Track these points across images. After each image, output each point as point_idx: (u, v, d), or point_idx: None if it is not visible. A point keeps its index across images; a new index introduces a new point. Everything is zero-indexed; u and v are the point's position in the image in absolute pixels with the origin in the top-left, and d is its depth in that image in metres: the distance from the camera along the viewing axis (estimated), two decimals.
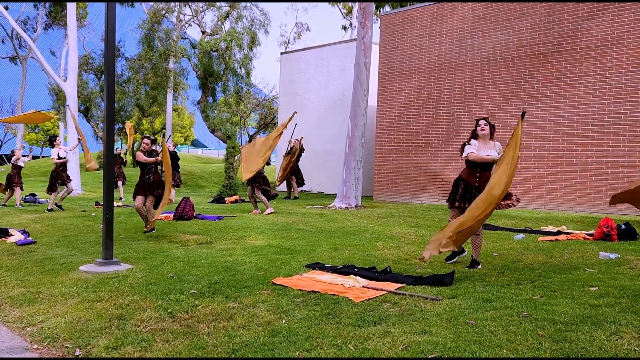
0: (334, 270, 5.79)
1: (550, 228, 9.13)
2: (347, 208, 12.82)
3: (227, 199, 15.35)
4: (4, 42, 38.24)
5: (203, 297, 4.80)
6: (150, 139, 9.06)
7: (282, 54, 21.71)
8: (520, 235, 8.19)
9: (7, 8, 22.57)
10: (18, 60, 38.47)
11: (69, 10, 19.85)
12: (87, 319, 4.31)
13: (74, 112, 19.50)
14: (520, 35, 12.82)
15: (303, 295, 4.79)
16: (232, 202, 15.01)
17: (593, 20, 11.83)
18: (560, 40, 12.26)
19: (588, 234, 8.13)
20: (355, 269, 5.80)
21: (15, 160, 13.93)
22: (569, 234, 8.27)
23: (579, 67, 11.96)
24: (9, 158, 15.20)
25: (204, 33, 28.56)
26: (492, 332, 3.71)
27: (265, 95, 35.40)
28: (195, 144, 63.16)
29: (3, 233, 8.50)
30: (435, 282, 5.13)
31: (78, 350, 3.75)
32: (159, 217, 10.78)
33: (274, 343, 3.66)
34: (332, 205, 13.14)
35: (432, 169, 14.43)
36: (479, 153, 5.98)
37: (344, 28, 37.06)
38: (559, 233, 8.49)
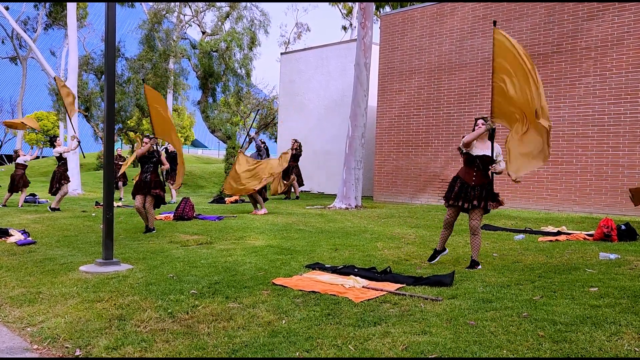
0: (334, 271, 5.79)
1: (550, 228, 9.13)
2: (347, 208, 12.82)
3: (227, 199, 15.35)
4: (4, 42, 38.26)
5: (203, 297, 4.80)
6: (150, 138, 9.08)
7: (282, 54, 21.71)
8: (520, 236, 8.19)
9: (7, 8, 22.60)
10: (18, 61, 38.48)
11: (69, 11, 19.86)
12: (87, 319, 4.31)
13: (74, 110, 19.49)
14: (520, 36, 12.82)
15: (303, 296, 4.79)
16: (232, 202, 15.02)
17: (593, 21, 11.83)
18: (560, 41, 12.26)
19: (588, 235, 8.13)
20: (355, 270, 5.80)
21: (24, 161, 14.04)
22: (569, 235, 8.27)
23: (579, 67, 11.97)
24: (9, 158, 15.25)
25: (204, 33, 28.58)
26: (492, 332, 3.71)
27: (266, 96, 35.41)
28: (195, 144, 63.14)
29: (3, 233, 8.50)
30: (435, 282, 5.13)
31: (78, 351, 3.75)
32: (160, 217, 10.82)
33: (274, 343, 3.66)
34: (332, 206, 13.14)
35: (432, 169, 14.43)
36: (474, 150, 6.00)
37: (344, 28, 37.08)
38: (559, 233, 8.49)
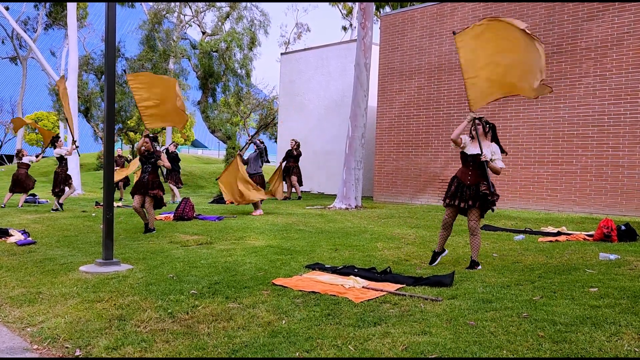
0: (334, 271, 5.79)
1: (550, 229, 9.13)
2: (347, 209, 12.82)
3: (227, 200, 15.32)
4: (4, 42, 38.26)
5: (203, 297, 4.81)
6: (150, 137, 9.14)
7: (282, 55, 21.71)
8: (520, 236, 8.19)
9: (7, 8, 22.61)
10: (18, 61, 38.49)
11: (69, 11, 19.87)
12: (87, 320, 4.31)
13: (75, 111, 19.51)
14: None
15: (303, 296, 4.79)
16: (232, 202, 14.99)
17: (593, 21, 11.83)
18: (560, 41, 12.26)
19: (588, 235, 8.13)
20: (355, 270, 5.80)
21: (29, 161, 14.09)
22: (569, 235, 8.27)
23: (579, 68, 11.97)
24: (10, 158, 15.30)
25: (204, 33, 28.59)
26: (492, 332, 3.72)
27: (266, 96, 35.41)
28: (195, 145, 63.15)
29: (3, 233, 8.50)
30: (435, 282, 5.13)
31: (78, 351, 3.75)
32: (160, 217, 10.83)
33: (274, 344, 3.66)
34: (332, 206, 13.15)
35: (432, 170, 14.43)
36: (468, 149, 6.02)
37: (344, 29, 37.09)
38: (559, 234, 8.49)
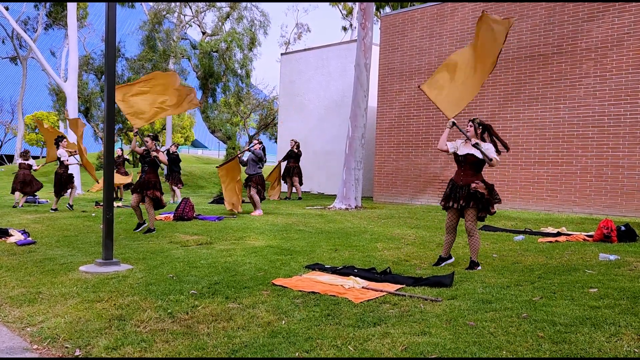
0: (334, 271, 5.80)
1: (550, 229, 9.13)
2: (347, 209, 12.82)
3: (226, 204, 15.31)
4: (5, 42, 38.26)
5: (203, 297, 4.81)
6: (150, 136, 9.26)
7: (282, 55, 21.71)
8: (520, 237, 8.19)
9: (7, 8, 22.59)
10: (18, 61, 38.48)
11: (70, 11, 19.86)
12: (87, 319, 4.31)
13: (74, 112, 19.50)
14: (520, 37, 12.83)
15: (303, 296, 4.79)
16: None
17: (593, 22, 11.84)
18: (561, 42, 12.26)
19: (588, 236, 8.13)
20: (355, 270, 5.80)
21: (32, 168, 14.16)
22: (569, 235, 8.27)
23: (579, 68, 11.97)
24: (10, 158, 15.32)
25: (205, 34, 28.60)
26: (491, 333, 3.72)
27: (266, 96, 35.42)
28: (195, 145, 63.15)
29: (3, 233, 8.50)
30: (435, 283, 5.13)
31: (78, 351, 3.75)
32: (160, 217, 10.83)
33: (274, 344, 3.67)
34: (332, 206, 13.15)
35: (432, 170, 14.43)
36: (459, 150, 6.09)
37: (344, 29, 37.08)
38: (559, 234, 8.49)
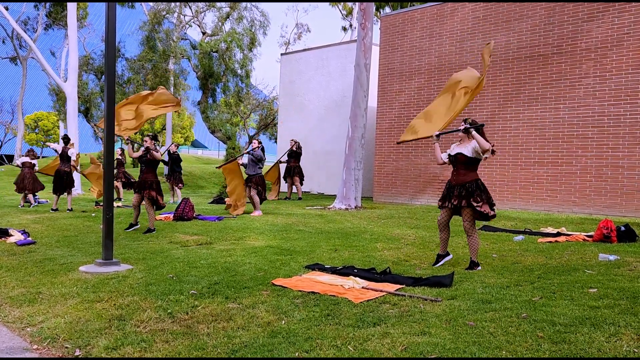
0: (334, 271, 5.80)
1: (550, 229, 9.13)
2: (346, 209, 12.83)
3: (227, 200, 15.33)
4: (4, 42, 38.25)
5: (203, 297, 4.81)
6: (149, 136, 9.33)
7: (282, 55, 21.71)
8: (520, 237, 8.20)
9: (7, 8, 22.58)
10: (18, 61, 38.47)
11: (69, 11, 19.86)
12: (86, 320, 4.32)
13: (74, 112, 19.51)
14: (520, 37, 12.83)
15: (302, 296, 4.79)
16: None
17: (593, 22, 11.84)
18: (560, 42, 12.27)
19: (587, 236, 8.13)
20: (355, 270, 5.80)
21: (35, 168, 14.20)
22: (569, 236, 8.28)
23: (579, 68, 11.97)
24: (10, 158, 15.33)
25: (205, 34, 28.59)
26: (491, 333, 3.72)
27: (266, 96, 35.41)
28: (195, 145, 63.17)
29: (3, 233, 8.51)
30: (435, 283, 5.13)
31: (78, 351, 3.75)
32: (160, 217, 10.84)
33: (274, 344, 3.67)
34: (331, 206, 13.15)
35: (431, 170, 14.43)
36: (452, 151, 6.18)
37: (344, 29, 37.08)
38: (559, 234, 8.49)
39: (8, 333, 4.18)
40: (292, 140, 16.19)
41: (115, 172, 15.93)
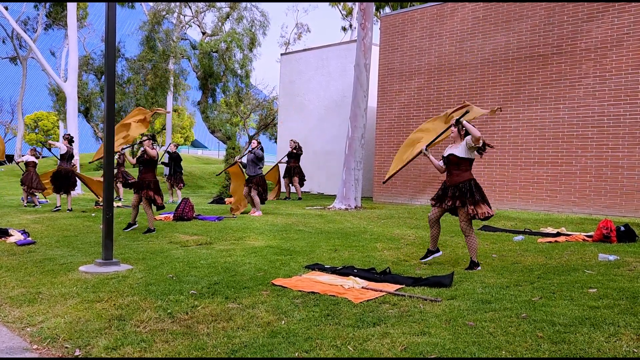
0: (334, 271, 5.80)
1: (550, 229, 9.14)
2: (346, 209, 12.83)
3: (226, 200, 15.34)
4: (4, 42, 38.27)
5: (202, 297, 4.81)
6: (147, 137, 9.38)
7: (282, 55, 21.71)
8: (520, 237, 8.20)
9: (7, 8, 22.57)
10: (18, 61, 38.49)
11: (69, 11, 19.86)
12: (86, 320, 4.32)
13: (74, 112, 19.51)
14: (520, 37, 12.84)
15: (302, 296, 4.80)
16: (231, 202, 15.00)
17: (593, 22, 11.85)
18: (560, 42, 12.27)
19: (587, 236, 8.13)
20: (355, 270, 5.81)
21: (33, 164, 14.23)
22: (569, 236, 8.28)
23: (579, 68, 11.98)
24: (10, 158, 15.34)
25: (204, 34, 28.58)
26: (491, 333, 3.72)
27: (265, 96, 35.42)
28: (195, 145, 63.15)
29: (3, 233, 8.51)
30: (435, 283, 5.13)
31: (78, 351, 3.76)
32: (160, 217, 10.84)
33: (273, 344, 3.67)
34: (331, 206, 13.15)
35: (431, 171, 14.42)
36: (445, 152, 6.29)
37: (344, 29, 37.10)
38: (559, 234, 8.50)
39: (8, 333, 4.18)
40: (291, 141, 16.19)
41: (115, 172, 15.93)
